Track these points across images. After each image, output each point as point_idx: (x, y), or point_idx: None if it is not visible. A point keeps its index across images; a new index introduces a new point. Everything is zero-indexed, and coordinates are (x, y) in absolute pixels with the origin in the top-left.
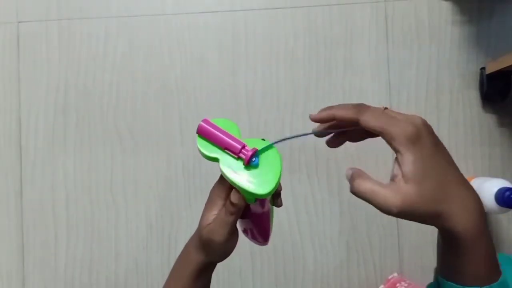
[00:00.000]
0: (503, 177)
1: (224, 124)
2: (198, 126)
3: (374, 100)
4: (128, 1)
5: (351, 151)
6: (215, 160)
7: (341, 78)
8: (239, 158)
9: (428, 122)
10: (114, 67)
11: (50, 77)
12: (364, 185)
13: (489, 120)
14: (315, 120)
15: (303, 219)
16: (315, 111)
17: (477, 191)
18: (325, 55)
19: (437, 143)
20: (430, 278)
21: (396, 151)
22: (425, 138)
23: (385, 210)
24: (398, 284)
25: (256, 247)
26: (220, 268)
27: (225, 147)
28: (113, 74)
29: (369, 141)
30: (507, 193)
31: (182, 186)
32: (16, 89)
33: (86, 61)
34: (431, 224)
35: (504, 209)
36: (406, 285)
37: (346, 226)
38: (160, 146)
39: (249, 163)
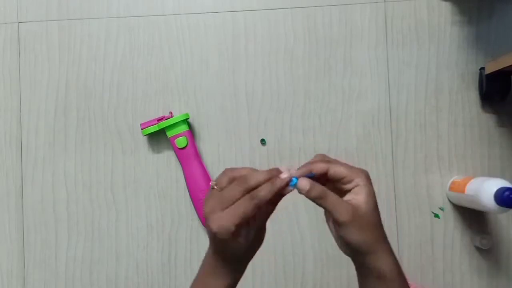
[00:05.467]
0: (502, 177)
1: None
2: None
3: (374, 99)
4: (128, 1)
5: (351, 151)
6: None
7: (340, 78)
8: None
9: (428, 122)
10: (115, 67)
11: (51, 77)
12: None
13: (488, 120)
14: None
15: (303, 219)
16: (314, 112)
17: (477, 191)
18: (325, 55)
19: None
20: (429, 277)
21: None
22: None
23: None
24: None
25: None
26: None
27: None
28: (114, 74)
29: (369, 141)
30: (507, 193)
31: (183, 186)
32: (16, 89)
33: (87, 61)
34: (357, 259)
35: (503, 209)
36: None
37: None
38: (161, 145)
39: None
